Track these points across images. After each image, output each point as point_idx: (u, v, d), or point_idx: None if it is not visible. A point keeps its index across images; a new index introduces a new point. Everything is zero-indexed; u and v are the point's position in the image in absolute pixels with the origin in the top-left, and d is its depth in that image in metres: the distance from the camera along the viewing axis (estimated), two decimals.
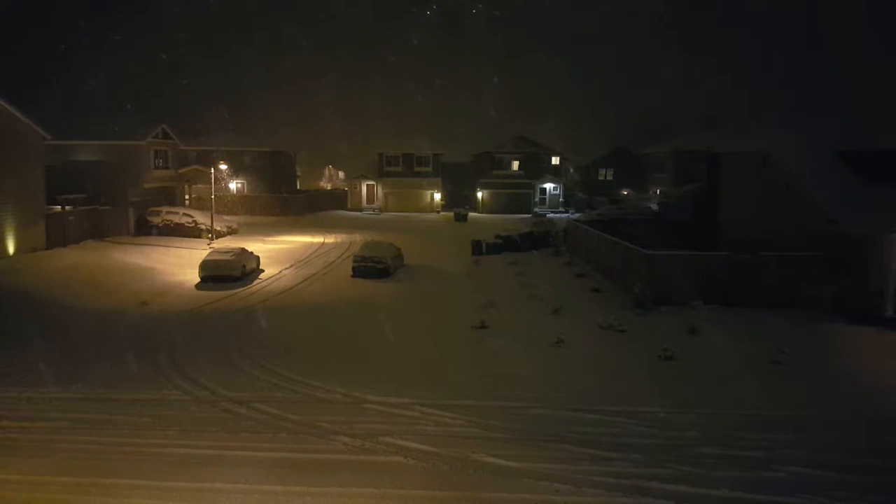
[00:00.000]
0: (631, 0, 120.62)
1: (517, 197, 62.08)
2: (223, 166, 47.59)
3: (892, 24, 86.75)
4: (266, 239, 40.74)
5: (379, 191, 63.50)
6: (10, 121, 28.84)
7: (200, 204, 47.74)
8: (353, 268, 29.36)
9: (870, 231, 20.64)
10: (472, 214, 57.95)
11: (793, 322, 20.14)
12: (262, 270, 30.67)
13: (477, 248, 36.36)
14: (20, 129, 29.49)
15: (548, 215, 57.35)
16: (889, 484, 10.31)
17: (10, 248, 28.36)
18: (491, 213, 61.30)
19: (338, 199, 66.83)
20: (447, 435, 11.94)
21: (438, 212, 62.41)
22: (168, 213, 39.92)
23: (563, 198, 63.96)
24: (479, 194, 63.12)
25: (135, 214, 38.85)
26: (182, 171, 47.26)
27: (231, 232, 42.18)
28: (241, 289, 26.78)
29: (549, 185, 63.70)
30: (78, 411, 13.28)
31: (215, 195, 41.35)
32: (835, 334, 19.07)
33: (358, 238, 41.07)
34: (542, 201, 63.37)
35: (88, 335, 19.79)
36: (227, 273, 27.73)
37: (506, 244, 37.23)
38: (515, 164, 63.36)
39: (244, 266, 28.91)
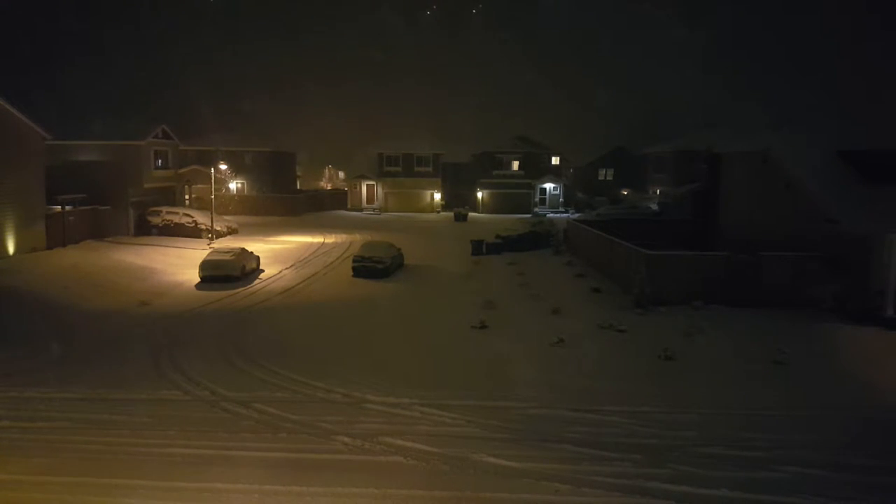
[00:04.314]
0: (631, 0, 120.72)
1: (517, 197, 62.04)
2: (223, 166, 47.57)
3: (892, 24, 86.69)
4: (266, 239, 40.75)
5: (379, 191, 63.46)
6: (10, 121, 28.83)
7: (200, 204, 47.69)
8: (354, 268, 29.37)
9: (870, 231, 20.62)
10: (472, 214, 57.94)
11: (793, 322, 20.12)
12: (263, 270, 30.68)
13: (477, 248, 36.34)
14: (20, 129, 29.47)
15: (548, 215, 57.31)
16: (889, 483, 10.31)
17: (10, 248, 28.35)
18: (491, 213, 61.27)
19: (338, 199, 66.80)
20: (447, 435, 11.94)
21: (438, 212, 62.36)
22: (168, 213, 39.91)
23: (563, 198, 63.93)
24: (479, 194, 63.09)
25: (135, 214, 38.81)
26: (182, 171, 47.19)
27: (231, 232, 42.17)
28: (242, 289, 26.78)
29: (549, 185, 63.70)
30: (78, 411, 13.29)
31: (215, 195, 41.34)
32: (835, 334, 19.05)
33: (358, 238, 41.08)
34: (542, 201, 63.36)
35: (88, 335, 19.78)
36: (227, 273, 27.74)
37: (506, 244, 37.20)
38: (515, 164, 63.37)
39: (244, 266, 28.92)
